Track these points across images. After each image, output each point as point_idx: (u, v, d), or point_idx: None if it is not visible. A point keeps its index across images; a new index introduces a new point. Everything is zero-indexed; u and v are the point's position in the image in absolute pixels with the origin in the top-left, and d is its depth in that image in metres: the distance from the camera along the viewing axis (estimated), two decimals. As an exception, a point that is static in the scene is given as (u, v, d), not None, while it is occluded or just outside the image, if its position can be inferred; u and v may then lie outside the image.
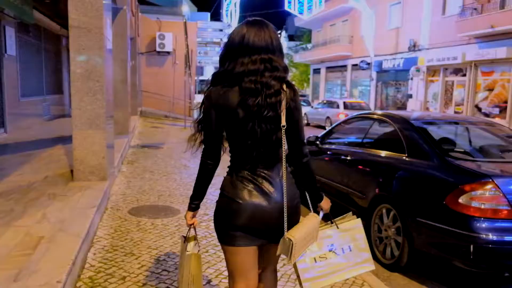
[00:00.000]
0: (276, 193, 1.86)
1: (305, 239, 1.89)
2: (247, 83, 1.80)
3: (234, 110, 1.82)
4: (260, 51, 1.81)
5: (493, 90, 16.60)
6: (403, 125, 4.33)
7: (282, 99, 1.81)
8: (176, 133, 14.26)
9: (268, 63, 1.81)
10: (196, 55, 18.14)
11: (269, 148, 1.85)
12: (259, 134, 1.81)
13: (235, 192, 1.90)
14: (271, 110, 1.80)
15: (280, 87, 1.82)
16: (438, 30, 19.26)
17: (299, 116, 1.89)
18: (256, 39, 1.81)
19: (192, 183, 2.18)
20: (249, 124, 1.81)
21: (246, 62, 1.81)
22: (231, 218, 1.89)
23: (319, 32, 33.40)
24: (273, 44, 1.83)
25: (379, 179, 4.27)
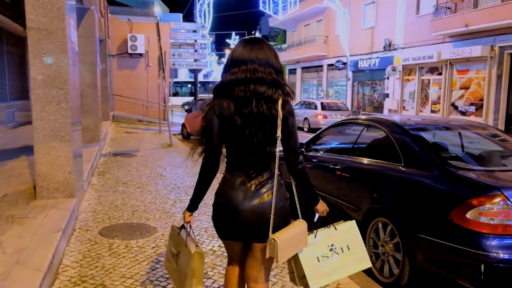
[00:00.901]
0: (266, 196, 2.05)
1: (291, 242, 2.03)
2: (238, 92, 1.98)
3: (232, 118, 2.00)
4: (247, 63, 1.99)
5: (468, 88, 16.72)
6: (397, 132, 4.02)
7: (276, 108, 1.98)
8: (150, 138, 13.71)
9: (253, 73, 1.98)
10: (169, 57, 17.58)
11: (263, 155, 2.04)
12: (255, 141, 2.00)
13: (229, 194, 2.09)
14: (265, 119, 1.98)
15: (272, 96, 1.99)
16: (413, 30, 19.33)
17: (293, 126, 2.06)
18: (245, 52, 2.01)
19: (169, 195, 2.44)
20: (245, 132, 1.99)
21: (235, 72, 2.01)
22: (226, 217, 2.10)
23: (294, 32, 33.27)
24: (260, 58, 2.00)
25: (373, 190, 3.96)
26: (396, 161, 3.86)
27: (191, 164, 8.98)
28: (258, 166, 2.06)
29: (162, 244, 4.21)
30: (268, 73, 2.01)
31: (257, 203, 2.04)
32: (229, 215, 2.08)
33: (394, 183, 3.77)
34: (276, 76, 2.03)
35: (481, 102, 16.11)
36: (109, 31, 16.75)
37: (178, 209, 5.48)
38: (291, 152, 2.09)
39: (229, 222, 2.10)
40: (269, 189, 2.06)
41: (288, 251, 2.05)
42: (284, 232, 2.03)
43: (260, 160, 2.05)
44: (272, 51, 2.07)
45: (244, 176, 2.08)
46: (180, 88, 42.53)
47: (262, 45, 2.06)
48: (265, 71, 2.00)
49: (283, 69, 2.13)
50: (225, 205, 2.10)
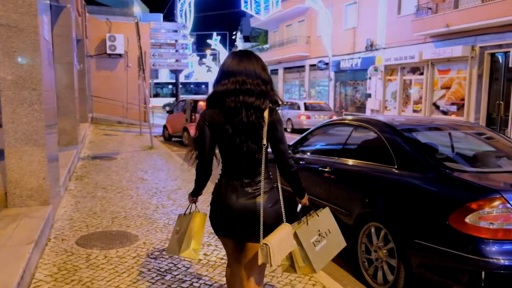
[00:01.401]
0: (257, 198, 2.19)
1: (281, 245, 2.12)
2: (229, 102, 2.11)
3: (223, 127, 2.14)
4: (236, 75, 2.11)
5: (450, 88, 16.85)
6: (389, 133, 3.87)
7: (264, 118, 2.12)
8: (131, 141, 13.37)
9: (241, 85, 2.10)
10: (150, 57, 17.22)
11: (253, 161, 2.19)
12: (245, 149, 2.15)
13: (225, 197, 2.22)
14: (254, 128, 2.13)
15: (260, 107, 2.11)
16: (394, 30, 19.41)
17: (281, 132, 2.20)
18: (235, 64, 2.14)
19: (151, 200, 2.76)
20: (236, 140, 2.14)
21: (225, 83, 2.13)
22: (221, 217, 2.25)
23: (276, 33, 33.18)
24: (248, 70, 2.12)
25: (365, 194, 3.80)
26: (389, 163, 3.71)
27: (173, 167, 8.73)
28: (249, 171, 2.21)
29: (144, 254, 3.97)
30: (256, 84, 2.13)
31: (248, 203, 2.19)
32: (223, 213, 2.24)
33: (387, 186, 3.62)
34: (264, 87, 2.15)
35: (462, 101, 16.25)
36: (87, 31, 16.31)
37: (161, 215, 5.24)
38: (281, 157, 2.23)
39: (223, 219, 2.26)
40: (259, 191, 2.20)
41: (280, 255, 2.13)
42: (274, 236, 2.12)
43: (251, 166, 2.20)
44: (260, 62, 2.19)
45: (237, 180, 2.22)
46: (161, 89, 42.00)
47: (250, 57, 2.18)
48: (253, 83, 2.12)
49: (271, 80, 2.22)
50: (219, 204, 2.26)
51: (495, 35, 14.49)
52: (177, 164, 9.17)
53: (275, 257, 2.06)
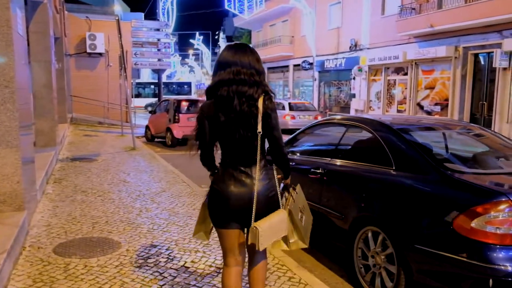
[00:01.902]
0: (254, 186, 2.24)
1: (272, 230, 2.22)
2: (222, 91, 2.18)
3: (217, 116, 2.21)
4: (230, 65, 2.19)
5: (434, 88, 16.93)
6: (386, 133, 3.70)
7: (257, 106, 2.17)
8: (112, 142, 13.00)
9: (235, 75, 2.17)
10: (131, 56, 16.84)
11: (248, 149, 2.24)
12: (237, 136, 2.21)
13: (221, 185, 2.29)
14: (246, 116, 2.18)
15: (253, 96, 2.18)
16: (378, 30, 19.44)
17: (275, 120, 2.25)
18: (229, 55, 2.21)
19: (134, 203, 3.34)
20: (229, 128, 2.21)
21: (221, 74, 2.21)
22: (220, 205, 2.29)
23: (259, 33, 33.02)
24: (243, 61, 2.19)
25: (361, 197, 3.62)
26: (386, 164, 3.54)
27: (156, 169, 8.45)
28: (245, 159, 2.28)
29: (127, 262, 3.71)
30: (250, 74, 2.19)
31: (244, 191, 2.25)
32: (221, 201, 2.28)
33: (384, 189, 3.44)
34: (258, 78, 2.21)
35: (446, 102, 16.34)
36: (66, 29, 15.83)
37: (145, 219, 4.98)
38: (275, 143, 2.30)
39: (222, 209, 2.29)
40: (255, 178, 2.26)
41: (269, 239, 2.24)
42: (266, 220, 2.21)
43: (246, 153, 2.27)
44: (254, 54, 2.26)
45: (233, 168, 2.28)
46: (143, 89, 41.43)
47: (245, 49, 2.26)
48: (247, 73, 2.18)
49: (264, 71, 2.31)
50: (218, 192, 2.30)
51: (478, 36, 14.60)
52: (160, 166, 8.89)
53: (262, 241, 2.18)
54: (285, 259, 3.93)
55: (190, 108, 13.65)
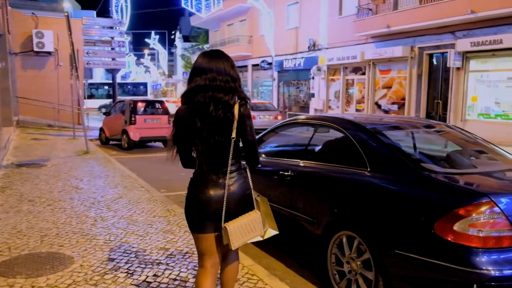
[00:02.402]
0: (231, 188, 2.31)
1: (243, 229, 2.29)
2: (198, 98, 2.24)
3: (193, 121, 2.25)
4: (206, 72, 2.23)
5: (391, 88, 17.27)
6: (359, 133, 3.53)
7: (232, 112, 2.24)
8: (63, 145, 12.28)
9: (211, 81, 2.22)
10: (83, 55, 16.05)
11: (223, 154, 2.30)
12: (212, 141, 2.27)
13: (198, 189, 2.32)
14: (221, 122, 2.24)
15: (229, 102, 2.23)
16: (336, 30, 19.63)
17: (250, 126, 2.32)
18: (205, 62, 2.26)
19: (88, 212, 3.15)
20: (205, 133, 2.26)
21: (197, 80, 2.26)
22: (197, 210, 2.34)
23: (217, 32, 32.67)
24: (218, 67, 2.24)
25: (334, 200, 3.44)
26: (360, 165, 3.37)
27: (112, 173, 7.97)
28: (220, 163, 2.32)
29: (81, 280, 3.34)
30: (226, 81, 2.23)
31: (221, 194, 2.29)
32: (199, 206, 2.33)
33: (359, 191, 3.27)
34: (233, 84, 2.26)
35: (402, 101, 16.69)
36: (9, 25, 14.81)
37: (100, 230, 4.59)
38: (249, 148, 2.39)
39: (199, 213, 2.34)
40: (231, 181, 2.32)
41: (242, 238, 2.30)
42: (236, 221, 2.28)
43: (221, 158, 2.31)
44: (229, 61, 2.30)
45: (209, 173, 2.32)
46: (96, 90, 40.06)
47: (220, 56, 2.30)
48: (222, 79, 2.22)
49: (239, 77, 2.34)
50: (194, 197, 2.33)
51: (433, 36, 15.01)
52: (116, 170, 8.41)
53: (234, 240, 2.25)
54: (254, 268, 3.70)
55: (147, 109, 13.23)
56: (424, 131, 4.20)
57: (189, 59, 41.96)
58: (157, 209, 5.55)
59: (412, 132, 4.08)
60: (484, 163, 3.59)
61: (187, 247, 4.15)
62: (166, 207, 5.68)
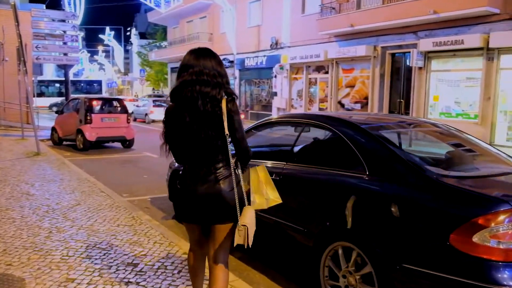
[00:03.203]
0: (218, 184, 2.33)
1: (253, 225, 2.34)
2: (186, 92, 2.27)
3: (182, 116, 2.29)
4: (193, 67, 2.28)
5: (354, 87, 17.31)
6: (355, 133, 3.21)
7: (220, 107, 2.27)
8: (11, 146, 11.31)
9: (198, 75, 2.26)
10: (32, 50, 14.93)
11: (213, 148, 2.32)
12: (203, 135, 2.29)
13: (186, 184, 2.39)
14: (209, 116, 2.27)
15: (216, 96, 2.27)
16: (299, 28, 19.48)
17: (238, 122, 2.34)
18: (192, 58, 2.31)
19: (42, 222, 3.05)
20: (193, 127, 2.28)
21: (184, 75, 2.30)
22: (186, 204, 2.41)
23: (176, 29, 31.83)
24: (205, 63, 2.28)
25: (328, 207, 3.11)
26: (357, 168, 3.05)
27: (68, 177, 7.30)
28: (209, 158, 2.33)
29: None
30: (212, 76, 2.26)
31: (210, 189, 2.31)
32: (187, 200, 2.37)
33: (357, 197, 2.94)
34: (220, 79, 2.29)
35: (365, 100, 16.78)
36: None
37: (57, 244, 4.04)
38: (238, 144, 2.37)
39: (188, 206, 2.39)
40: (220, 177, 2.33)
41: (252, 233, 2.31)
42: (248, 217, 2.29)
43: (210, 153, 2.32)
44: (216, 58, 2.34)
45: (198, 167, 2.35)
46: (46, 87, 38.10)
47: (207, 52, 2.33)
48: (209, 74, 2.25)
49: (226, 74, 2.36)
50: (183, 191, 2.38)
51: (396, 36, 15.13)
52: (72, 173, 7.72)
53: (251, 237, 2.27)
54: (237, 284, 3.33)
55: (103, 107, 12.52)
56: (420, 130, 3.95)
57: (146, 57, 40.73)
58: (121, 216, 5.03)
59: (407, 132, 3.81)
60: (486, 165, 3.36)
61: (159, 261, 3.70)
62: (131, 214, 5.16)
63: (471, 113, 13.28)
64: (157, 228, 4.64)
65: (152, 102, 23.49)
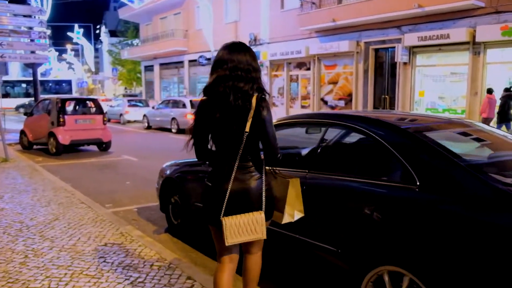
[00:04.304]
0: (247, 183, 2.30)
1: (241, 228, 2.26)
2: (219, 88, 2.23)
3: (213, 111, 2.24)
4: (227, 63, 2.23)
5: (337, 83, 16.97)
6: (397, 137, 2.73)
7: (251, 102, 2.21)
8: (-25, 153, 10.35)
9: (232, 71, 2.21)
10: (-6, 48, 13.89)
11: (240, 147, 2.26)
12: (232, 132, 2.25)
13: (215, 182, 2.34)
14: (240, 111, 2.21)
15: (248, 91, 2.22)
16: (279, 24, 19.00)
17: (268, 121, 2.26)
18: (226, 54, 2.26)
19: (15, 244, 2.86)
20: (225, 124, 2.24)
21: (218, 71, 2.26)
22: (211, 202, 2.35)
23: (149, 26, 30.82)
24: (239, 58, 2.23)
25: (369, 223, 2.62)
26: (403, 179, 2.59)
27: (42, 186, 6.57)
28: (239, 156, 2.27)
29: None
30: (247, 71, 2.23)
31: (239, 188, 2.28)
32: (215, 198, 2.31)
33: (408, 214, 2.47)
34: (255, 74, 2.26)
35: (349, 97, 16.50)
36: None
37: (34, 271, 3.43)
38: (267, 143, 2.30)
39: (216, 206, 2.30)
40: (250, 175, 2.31)
41: (238, 237, 2.26)
42: (237, 217, 2.26)
43: (238, 151, 2.27)
44: (250, 52, 2.31)
45: (226, 165, 2.30)
46: (11, 88, 36.37)
47: (241, 47, 2.30)
48: (243, 69, 2.22)
49: (260, 69, 2.33)
50: (212, 190, 2.34)
51: (379, 31, 14.88)
52: (46, 181, 6.99)
53: (228, 236, 2.23)
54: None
55: (77, 108, 11.75)
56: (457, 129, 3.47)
57: (118, 55, 39.48)
58: (108, 233, 4.41)
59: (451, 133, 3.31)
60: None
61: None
62: (118, 229, 4.55)
63: (458, 109, 13.16)
64: (152, 247, 4.05)
65: (127, 102, 22.56)
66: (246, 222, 2.25)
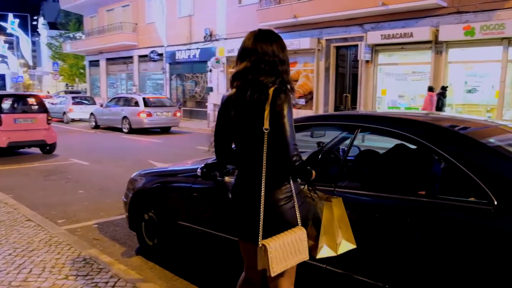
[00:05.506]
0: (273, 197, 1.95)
1: (287, 250, 1.89)
2: (237, 82, 2.01)
3: (228, 109, 2.03)
4: (250, 54, 1.98)
5: (297, 81, 16.55)
6: (459, 146, 2.19)
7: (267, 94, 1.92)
8: None
9: (254, 63, 1.96)
10: None
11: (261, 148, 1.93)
12: (248, 133, 1.98)
13: (235, 191, 2.09)
14: (255, 107, 1.93)
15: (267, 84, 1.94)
16: (236, 19, 18.27)
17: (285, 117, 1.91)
18: (250, 43, 2.00)
19: None
20: (240, 123, 2.00)
21: (239, 63, 2.03)
22: (235, 214, 2.08)
23: (94, 18, 28.95)
24: (264, 49, 1.97)
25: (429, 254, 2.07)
26: (475, 197, 2.04)
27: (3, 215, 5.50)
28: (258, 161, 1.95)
29: None
30: (272, 63, 1.97)
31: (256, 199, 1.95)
32: (239, 211, 2.06)
33: (482, 240, 1.94)
34: (281, 68, 2.00)
35: (310, 95, 16.15)
36: None
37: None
38: (280, 144, 1.92)
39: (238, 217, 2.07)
40: (280, 186, 1.98)
41: (284, 262, 1.89)
42: (278, 238, 1.88)
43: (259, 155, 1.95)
44: (278, 42, 2.03)
45: (247, 173, 2.05)
46: None
47: (268, 37, 2.03)
48: (268, 62, 1.97)
49: (288, 60, 2.05)
50: (234, 201, 2.10)
51: (340, 29, 14.63)
52: None
53: (274, 264, 1.84)
54: None
55: (16, 106, 10.40)
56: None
57: (58, 48, 37.00)
58: (67, 260, 3.59)
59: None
60: None
61: None
62: (80, 254, 3.73)
63: (420, 107, 13.18)
64: (127, 278, 3.27)
65: (72, 99, 20.93)
66: (290, 242, 1.89)
